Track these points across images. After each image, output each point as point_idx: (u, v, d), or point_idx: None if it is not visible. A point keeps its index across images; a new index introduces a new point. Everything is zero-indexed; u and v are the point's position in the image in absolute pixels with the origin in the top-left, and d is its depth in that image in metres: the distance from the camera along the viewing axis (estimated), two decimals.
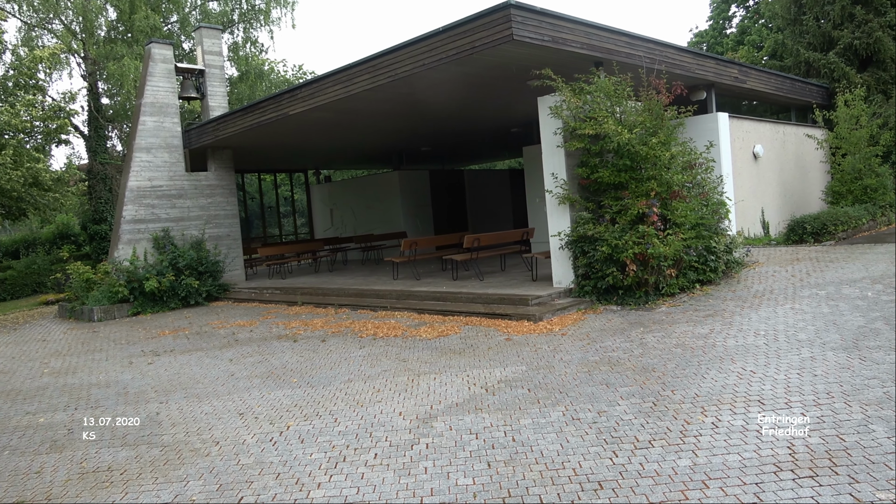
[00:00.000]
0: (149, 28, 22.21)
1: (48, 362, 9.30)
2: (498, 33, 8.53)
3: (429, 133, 17.46)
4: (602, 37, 9.84)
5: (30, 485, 4.70)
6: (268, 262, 17.42)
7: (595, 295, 9.52)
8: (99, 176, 23.19)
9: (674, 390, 5.45)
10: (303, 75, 35.96)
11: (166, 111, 15.35)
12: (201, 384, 7.16)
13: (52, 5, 22.09)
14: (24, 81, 16.56)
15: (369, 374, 6.89)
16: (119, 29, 23.86)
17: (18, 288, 20.81)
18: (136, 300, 13.77)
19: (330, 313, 11.34)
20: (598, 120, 9.27)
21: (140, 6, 22.49)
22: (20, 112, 15.47)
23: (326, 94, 11.49)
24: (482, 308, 9.63)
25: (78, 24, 22.61)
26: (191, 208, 15.61)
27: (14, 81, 16.50)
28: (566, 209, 9.81)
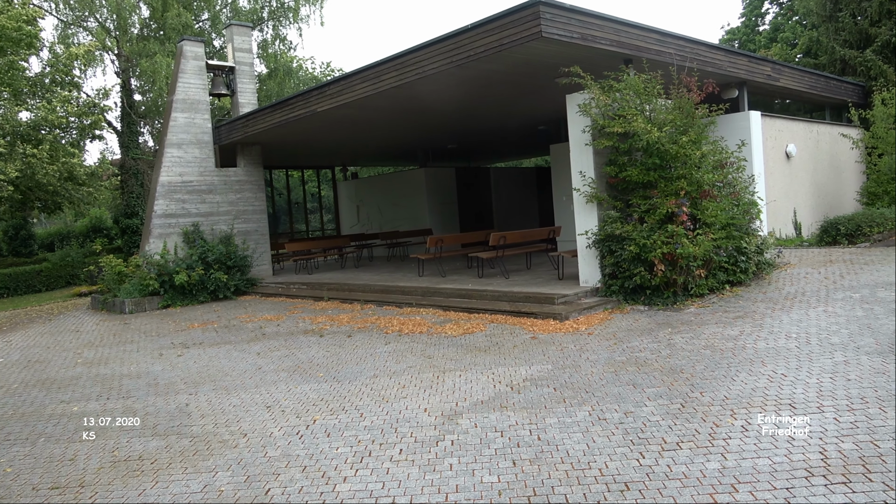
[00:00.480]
0: (180, 25, 22.54)
1: (81, 353, 9.50)
2: (527, 30, 8.49)
3: (455, 130, 17.45)
4: (632, 34, 9.73)
5: (64, 471, 4.81)
6: (295, 257, 17.58)
7: (622, 294, 9.43)
8: (131, 171, 23.62)
9: (702, 392, 5.38)
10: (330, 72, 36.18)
11: (197, 108, 15.57)
12: (229, 377, 7.25)
13: (88, 3, 22.54)
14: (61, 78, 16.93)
15: (395, 370, 6.92)
16: (151, 26, 24.26)
17: (53, 280, 21.31)
18: (166, 293, 14.01)
19: (356, 309, 11.42)
20: (627, 118, 9.18)
21: (172, 4, 22.83)
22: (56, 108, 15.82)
23: (354, 92, 11.54)
24: (508, 306, 9.61)
25: (112, 21, 23.03)
26: (220, 203, 15.82)
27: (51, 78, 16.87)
28: (594, 208, 9.74)
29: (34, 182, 15.31)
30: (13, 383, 7.81)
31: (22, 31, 14.83)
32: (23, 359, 9.36)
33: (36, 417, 6.29)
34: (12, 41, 14.80)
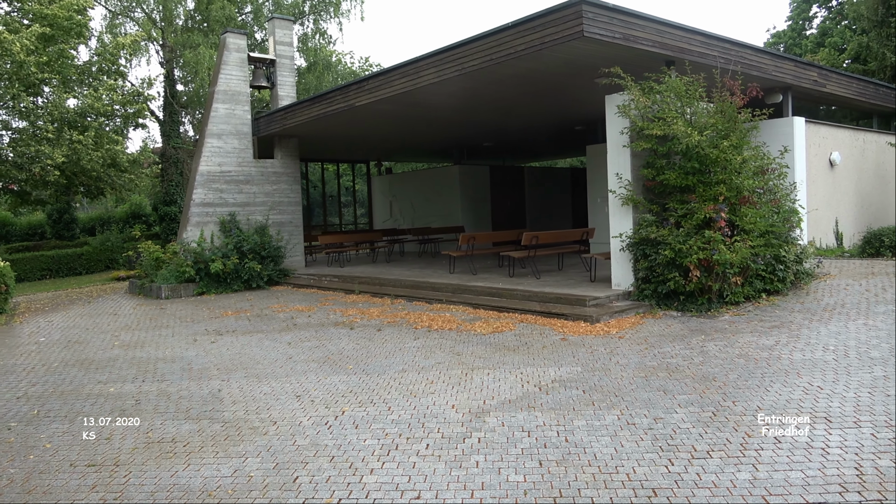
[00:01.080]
0: (224, 18, 22.92)
1: (119, 335, 9.75)
2: (568, 30, 8.44)
3: (491, 128, 17.42)
4: (675, 35, 9.59)
5: (100, 450, 4.95)
6: (327, 249, 17.77)
7: (655, 299, 9.32)
8: (171, 159, 24.12)
9: (735, 401, 5.29)
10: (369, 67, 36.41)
11: (238, 99, 15.82)
12: (261, 365, 7.37)
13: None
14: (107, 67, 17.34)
15: (423, 365, 6.96)
16: (196, 18, 24.70)
17: (93, 263, 21.87)
18: (201, 280, 14.28)
19: (386, 303, 11.49)
20: (667, 120, 9.06)
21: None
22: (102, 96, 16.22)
23: (393, 87, 11.61)
24: (538, 306, 9.57)
25: (158, 12, 23.53)
26: (256, 194, 16.07)
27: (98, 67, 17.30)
28: (629, 210, 9.64)
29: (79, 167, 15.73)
30: (54, 362, 8.06)
31: (73, 20, 15.25)
32: (63, 339, 9.64)
33: (74, 396, 6.48)
34: (63, 30, 15.23)
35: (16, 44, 13.37)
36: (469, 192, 20.94)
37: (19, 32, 13.98)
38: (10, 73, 14.03)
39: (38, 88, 15.71)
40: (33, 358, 8.36)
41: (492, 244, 16.65)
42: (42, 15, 14.74)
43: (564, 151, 26.28)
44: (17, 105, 14.86)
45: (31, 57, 13.98)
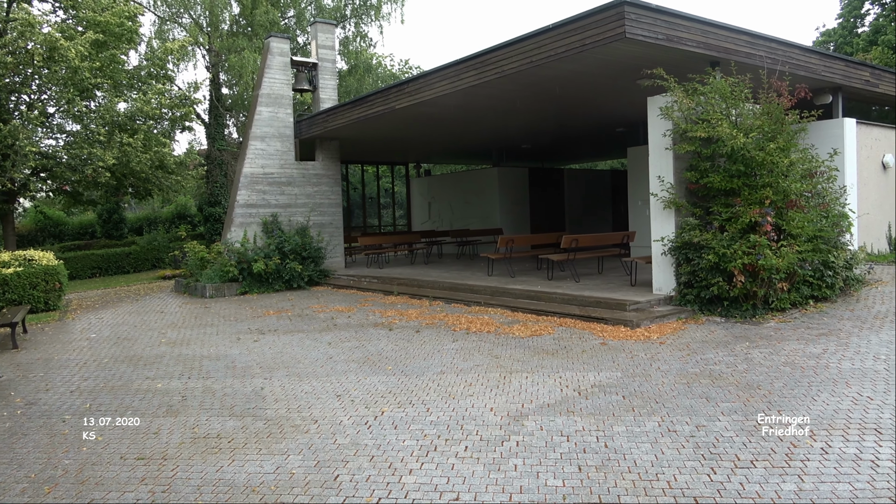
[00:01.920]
0: (268, 22, 23.37)
1: (165, 333, 10.04)
2: (610, 31, 8.37)
3: (530, 130, 17.37)
4: (720, 35, 9.42)
5: (149, 444, 5.12)
6: (366, 251, 17.95)
7: (697, 304, 9.17)
8: (216, 161, 24.68)
9: (780, 411, 5.18)
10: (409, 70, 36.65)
11: (281, 102, 16.12)
12: (302, 364, 7.51)
13: (183, 1, 23.72)
14: (156, 71, 17.86)
15: (461, 367, 6.99)
16: (241, 23, 25.24)
17: (140, 262, 22.55)
18: (244, 280, 14.59)
19: (424, 305, 11.56)
20: (711, 122, 8.91)
21: (261, 1, 23.70)
22: (151, 100, 16.71)
23: (433, 90, 11.68)
24: (577, 310, 9.51)
25: (205, 18, 24.12)
26: (298, 196, 16.34)
27: (147, 71, 17.83)
28: (671, 214, 9.50)
29: (128, 169, 16.23)
30: (104, 358, 8.34)
31: (124, 26, 15.76)
32: (112, 335, 9.97)
33: (124, 391, 6.71)
34: (115, 36, 15.75)
35: (71, 50, 13.89)
36: (508, 194, 20.91)
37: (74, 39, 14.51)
38: (65, 79, 14.59)
39: (91, 93, 16.26)
40: (85, 353, 8.67)
41: (530, 247, 16.59)
42: (95, 22, 15.28)
43: (604, 153, 26.03)
44: (71, 109, 15.43)
45: (85, 63, 14.50)
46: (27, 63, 14.52)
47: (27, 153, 14.29)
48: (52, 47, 14.07)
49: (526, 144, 20.36)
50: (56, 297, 12.81)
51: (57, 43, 13.95)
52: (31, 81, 15.43)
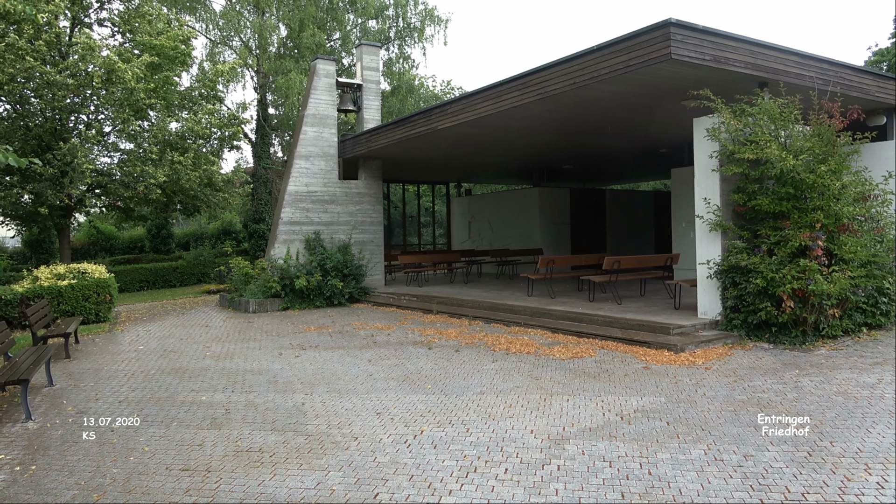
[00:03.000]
0: (314, 45, 23.94)
1: (210, 346, 10.24)
2: (655, 52, 8.33)
3: (573, 150, 17.32)
4: (768, 56, 9.27)
5: (193, 455, 5.21)
6: (406, 269, 18.05)
7: (744, 330, 8.94)
8: (261, 179, 25.25)
9: (832, 442, 5.00)
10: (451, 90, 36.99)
11: (325, 122, 16.45)
12: (342, 381, 7.56)
13: (235, 25, 24.50)
14: (207, 92, 18.44)
15: (501, 388, 6.94)
16: (288, 45, 25.92)
17: (186, 276, 23.13)
18: (286, 296, 14.82)
19: (463, 324, 11.55)
20: (759, 144, 8.75)
21: (308, 25, 24.32)
22: (201, 120, 17.25)
23: (475, 110, 11.76)
24: (619, 333, 9.37)
25: (254, 41, 24.85)
26: (340, 214, 16.58)
27: (198, 92, 18.43)
28: (717, 236, 9.32)
29: (178, 186, 16.75)
30: (151, 370, 8.55)
31: (178, 49, 16.36)
32: (159, 348, 10.22)
33: (170, 403, 6.85)
34: (169, 59, 16.36)
35: (128, 72, 14.48)
36: (548, 215, 20.82)
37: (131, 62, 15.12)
38: (121, 100, 15.18)
39: (145, 113, 16.88)
40: (133, 365, 8.90)
41: (571, 268, 16.47)
42: (151, 45, 15.90)
43: (647, 174, 25.74)
44: (126, 128, 16.03)
45: (140, 84, 15.08)
46: (87, 85, 15.17)
47: (84, 170, 14.87)
48: (110, 70, 14.68)
49: (567, 165, 20.29)
50: (106, 309, 13.21)
51: (115, 65, 14.55)
52: (89, 102, 16.10)
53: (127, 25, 17.04)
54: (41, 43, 14.27)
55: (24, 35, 14.36)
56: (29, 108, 15.63)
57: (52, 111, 15.52)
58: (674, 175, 15.10)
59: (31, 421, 6.26)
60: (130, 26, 17.04)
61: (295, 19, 24.61)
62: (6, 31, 14.46)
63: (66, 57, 15.86)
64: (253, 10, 25.08)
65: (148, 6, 17.50)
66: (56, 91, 14.62)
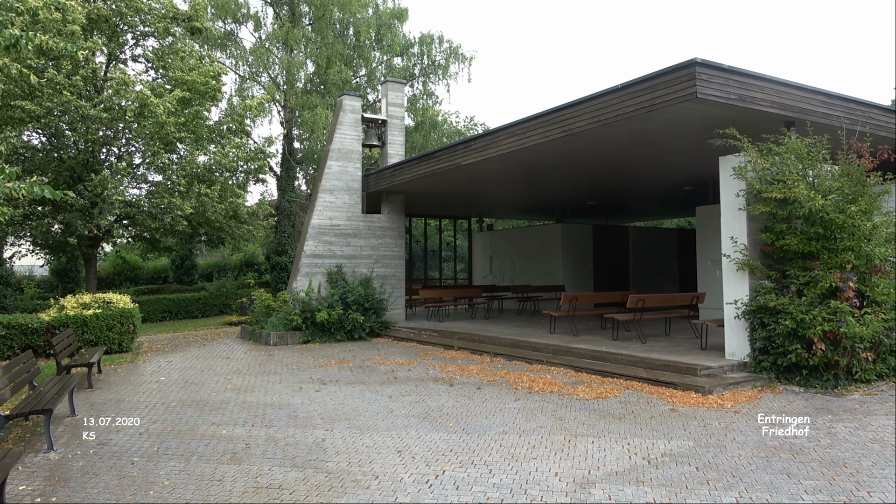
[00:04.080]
0: (340, 81, 24.43)
1: (231, 379, 10.25)
2: (680, 91, 8.35)
3: (596, 187, 17.31)
4: (795, 95, 9.25)
5: (213, 491, 5.17)
6: (427, 304, 18.02)
7: (774, 372, 8.74)
8: (285, 212, 25.56)
9: (870, 491, 4.82)
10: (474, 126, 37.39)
11: (350, 157, 16.68)
12: (363, 417, 7.50)
13: (263, 62, 25.14)
14: (235, 126, 18.84)
15: (524, 428, 6.83)
16: (314, 81, 26.48)
17: (208, 307, 23.32)
18: (307, 329, 14.84)
19: (485, 361, 11.45)
20: (787, 183, 8.69)
21: (335, 61, 24.86)
22: (228, 153, 17.59)
23: (499, 147, 11.85)
24: (644, 373, 9.21)
25: (282, 77, 25.44)
26: (363, 247, 16.68)
27: (227, 126, 18.84)
28: (745, 276, 9.20)
29: (204, 218, 17.02)
30: (172, 402, 8.56)
31: (208, 85, 16.79)
32: (181, 379, 10.25)
33: (190, 436, 6.84)
34: (200, 94, 16.78)
35: (160, 107, 14.88)
36: (571, 251, 20.74)
37: (163, 97, 15.54)
38: (152, 133, 15.56)
39: (174, 146, 17.26)
40: (154, 396, 8.93)
41: (593, 305, 16.31)
42: (183, 81, 16.35)
43: (671, 212, 25.60)
44: (155, 161, 16.40)
45: (171, 118, 15.46)
46: (120, 118, 15.59)
47: (114, 202, 15.19)
48: (143, 104, 15.09)
49: (590, 201, 20.26)
50: (129, 339, 13.33)
51: (147, 100, 14.96)
52: (121, 135, 16.52)
53: (160, 62, 17.56)
54: (78, 78, 14.75)
55: (62, 70, 14.85)
56: (63, 141, 16.06)
57: (85, 143, 15.94)
58: (699, 213, 15.01)
59: (53, 451, 6.28)
60: (164, 62, 17.56)
61: (322, 56, 25.18)
62: (46, 66, 14.99)
63: (100, 91, 16.34)
64: (282, 47, 25.73)
65: (181, 43, 18.03)
66: (90, 124, 15.04)
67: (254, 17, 26.53)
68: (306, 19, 26.88)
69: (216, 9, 24.98)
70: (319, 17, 25.35)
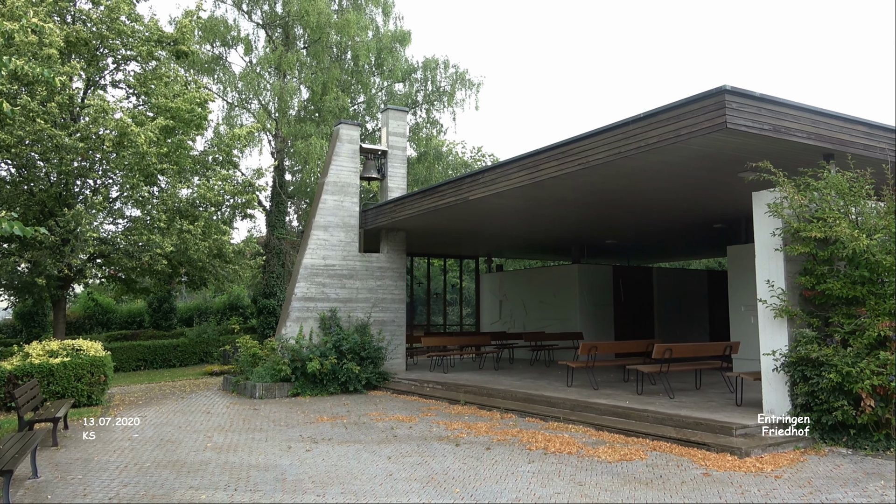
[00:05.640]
0: (337, 108, 24.81)
1: (211, 436, 10.15)
2: (708, 121, 8.44)
3: (616, 225, 17.38)
4: (833, 126, 9.34)
5: None
6: (430, 352, 17.93)
7: (818, 432, 8.61)
8: (274, 250, 25.67)
9: None
10: (482, 158, 37.76)
11: (347, 191, 16.83)
12: (359, 480, 7.39)
13: (254, 87, 25.59)
14: (222, 157, 19.07)
15: (540, 494, 6.72)
16: (309, 109, 26.91)
17: (188, 355, 23.27)
18: (296, 380, 14.76)
19: (495, 417, 11.33)
20: (827, 221, 8.72)
21: (331, 87, 25.30)
22: (214, 186, 17.75)
23: (510, 180, 11.94)
24: (673, 432, 9.09)
25: (273, 104, 25.87)
26: (359, 290, 16.69)
27: (213, 157, 19.07)
28: (783, 324, 9.15)
29: (185, 257, 17.09)
30: (146, 462, 8.47)
31: (194, 112, 17.07)
32: (156, 436, 10.16)
33: (165, 501, 6.74)
34: (184, 122, 17.05)
35: (141, 136, 15.09)
36: (589, 295, 20.69)
37: (144, 125, 15.78)
38: (131, 164, 15.75)
39: (155, 178, 17.45)
40: (126, 455, 8.84)
41: (615, 355, 16.22)
42: (166, 108, 16.63)
43: (700, 251, 25.62)
44: (134, 194, 16.56)
45: (153, 148, 15.67)
46: (97, 148, 15.81)
47: (87, 238, 15.28)
48: (122, 133, 15.31)
49: (610, 240, 20.31)
50: (100, 390, 13.26)
51: (128, 128, 15.19)
52: (98, 166, 16.72)
53: (143, 87, 17.87)
54: (53, 105, 15.00)
55: (36, 96, 15.12)
56: (35, 172, 16.26)
57: (58, 175, 16.13)
58: (730, 253, 15.01)
59: None
60: (146, 88, 17.87)
61: (318, 82, 25.63)
62: (19, 92, 15.26)
63: (77, 119, 16.62)
64: (274, 72, 26.22)
65: (165, 68, 18.39)
66: (64, 154, 15.24)
67: (244, 39, 27.13)
68: (301, 42, 27.47)
69: (204, 31, 25.55)
70: (315, 40, 25.89)
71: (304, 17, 24.92)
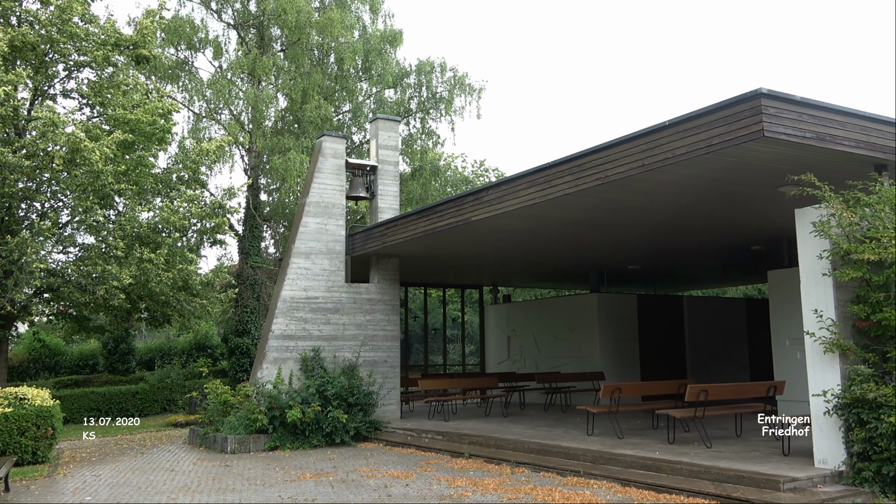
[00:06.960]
0: (319, 119, 25.00)
1: (175, 498, 10.09)
2: (743, 129, 8.52)
3: (640, 248, 17.43)
4: (884, 133, 9.44)
5: None
6: (428, 397, 17.88)
7: (878, 484, 8.58)
8: (248, 281, 25.68)
9: None
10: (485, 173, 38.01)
11: (331, 212, 16.91)
12: None
13: (224, 96, 25.80)
14: (188, 175, 19.17)
15: None
16: (287, 119, 27.13)
17: (148, 404, 23.23)
18: (274, 431, 14.69)
19: (504, 472, 11.29)
20: (882, 242, 8.75)
21: (312, 95, 25.51)
22: (179, 209, 17.81)
23: (518, 198, 12.01)
24: (712, 487, 9.08)
25: (247, 114, 26.07)
26: (346, 326, 16.69)
27: (177, 175, 19.17)
28: (835, 360, 9.16)
29: (146, 290, 17.09)
30: None
31: (156, 125, 17.20)
32: (111, 499, 10.10)
33: None
34: (145, 135, 17.16)
35: (95, 152, 15.19)
36: (611, 328, 20.70)
37: (99, 140, 15.88)
38: (84, 184, 15.83)
39: (111, 200, 17.53)
40: None
41: (642, 398, 16.17)
42: (125, 120, 16.75)
43: (736, 277, 25.70)
44: (87, 219, 16.60)
45: (109, 166, 15.75)
46: (45, 167, 15.90)
47: (33, 270, 15.30)
48: (74, 149, 15.41)
49: (634, 265, 20.37)
50: (47, 446, 13.19)
51: (80, 144, 15.28)
52: (46, 188, 16.80)
53: (98, 97, 18.00)
54: None
55: None
56: None
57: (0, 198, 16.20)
58: (771, 279, 15.06)
59: None
60: (102, 98, 18.00)
61: (297, 89, 25.85)
62: None
63: (22, 134, 16.73)
64: (247, 78, 26.46)
65: (124, 74, 18.55)
66: (7, 174, 15.31)
67: (213, 42, 27.39)
68: (278, 44, 27.76)
69: (167, 33, 25.80)
70: (294, 41, 26.19)
71: (282, 15, 25.20)
